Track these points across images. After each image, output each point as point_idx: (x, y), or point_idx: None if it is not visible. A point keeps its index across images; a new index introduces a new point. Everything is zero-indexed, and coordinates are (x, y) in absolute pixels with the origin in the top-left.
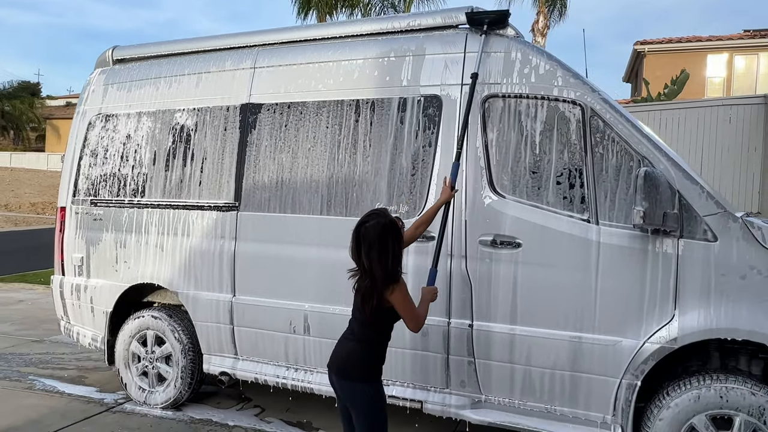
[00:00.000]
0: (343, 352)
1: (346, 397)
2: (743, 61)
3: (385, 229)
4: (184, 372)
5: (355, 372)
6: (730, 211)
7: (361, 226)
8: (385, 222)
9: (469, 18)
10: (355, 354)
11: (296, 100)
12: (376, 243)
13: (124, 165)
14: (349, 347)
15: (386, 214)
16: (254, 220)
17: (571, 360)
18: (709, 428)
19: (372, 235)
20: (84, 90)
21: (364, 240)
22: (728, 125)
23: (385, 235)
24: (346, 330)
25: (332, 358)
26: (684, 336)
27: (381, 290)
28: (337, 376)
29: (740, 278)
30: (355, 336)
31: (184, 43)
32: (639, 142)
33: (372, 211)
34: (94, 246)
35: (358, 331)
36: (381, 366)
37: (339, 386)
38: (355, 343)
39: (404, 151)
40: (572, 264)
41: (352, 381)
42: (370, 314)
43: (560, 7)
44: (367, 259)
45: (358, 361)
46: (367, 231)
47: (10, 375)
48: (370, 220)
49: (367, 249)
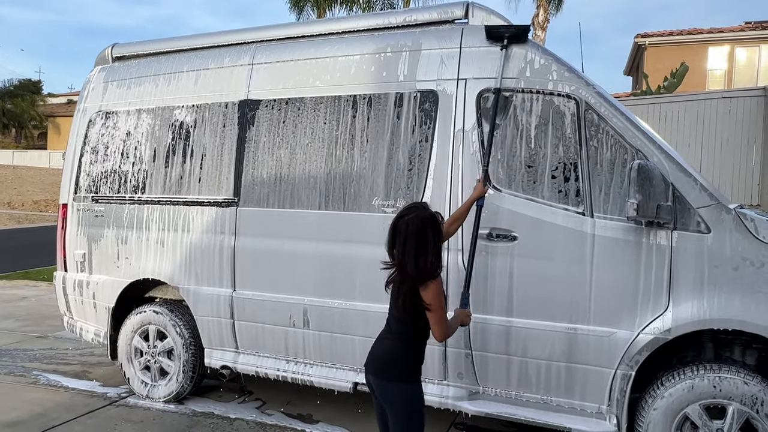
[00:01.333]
0: (379, 351)
1: (383, 397)
2: (745, 54)
3: (425, 222)
4: (186, 366)
5: (392, 371)
6: (723, 203)
7: (399, 220)
8: (425, 215)
9: (488, 32)
10: (392, 352)
11: (294, 96)
12: (414, 237)
13: (124, 162)
14: (386, 345)
15: (426, 208)
16: (253, 215)
17: (566, 351)
18: (703, 417)
19: (411, 228)
20: (84, 87)
21: (400, 234)
22: (728, 118)
23: (424, 228)
24: (384, 328)
25: (369, 357)
26: (677, 327)
27: (417, 285)
28: (374, 375)
29: (733, 269)
30: (392, 334)
31: (183, 40)
32: (633, 135)
33: (411, 204)
34: (95, 242)
35: (395, 328)
36: (420, 365)
37: (376, 386)
38: (392, 341)
39: (401, 146)
40: (567, 256)
41: (390, 380)
42: (406, 311)
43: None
44: (404, 254)
45: (396, 360)
46: (406, 224)
47: (14, 370)
48: (409, 214)
49: (404, 243)
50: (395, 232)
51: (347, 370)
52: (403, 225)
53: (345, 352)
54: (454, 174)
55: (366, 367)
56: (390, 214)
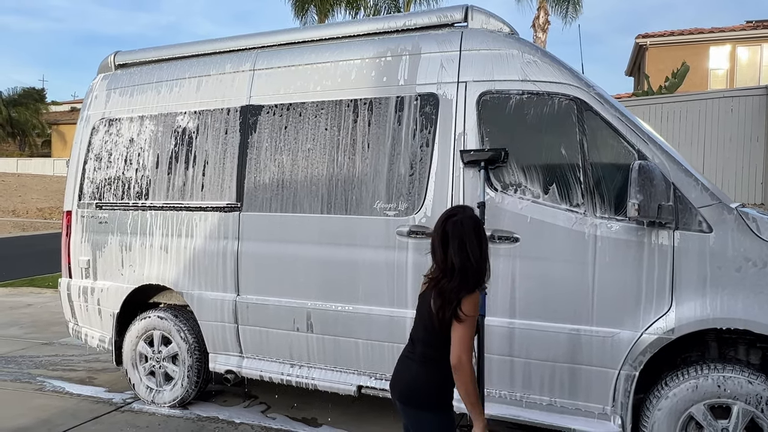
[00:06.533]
0: (406, 375)
1: (411, 425)
2: (746, 53)
3: (477, 220)
4: (191, 371)
5: (421, 398)
6: (725, 203)
7: (447, 220)
8: (474, 214)
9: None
10: (420, 377)
11: (295, 101)
12: (471, 235)
13: (127, 168)
14: (413, 369)
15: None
16: (256, 220)
17: (569, 352)
18: (708, 417)
19: (466, 227)
20: (87, 95)
21: (454, 234)
22: (730, 117)
23: (478, 226)
24: (407, 347)
25: (394, 379)
26: (681, 326)
27: (469, 292)
28: (401, 401)
29: (735, 268)
30: (418, 355)
31: (185, 47)
32: (634, 135)
33: (454, 207)
34: (100, 249)
35: (422, 350)
36: (452, 390)
37: (403, 412)
38: (419, 364)
39: (402, 149)
40: (569, 257)
41: (418, 408)
42: (440, 324)
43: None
44: (459, 255)
45: (424, 386)
46: (460, 223)
47: (20, 377)
48: (458, 214)
49: (459, 242)
50: (445, 234)
51: (351, 374)
52: (456, 225)
53: (349, 356)
54: (456, 176)
55: (392, 389)
56: (392, 217)
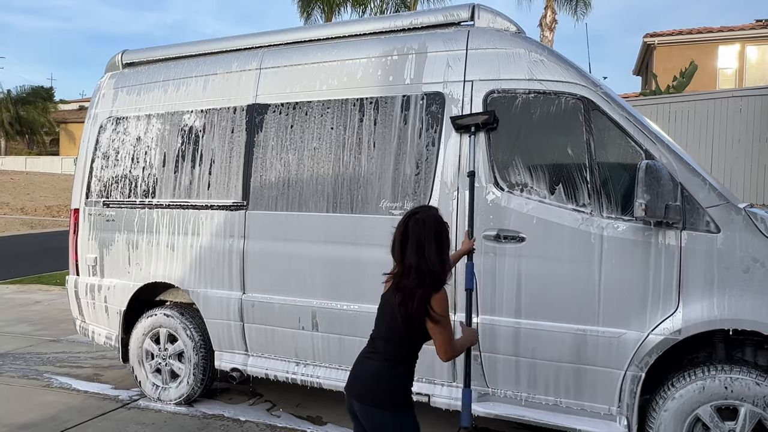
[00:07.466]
0: (365, 373)
1: (370, 426)
2: (756, 52)
3: (439, 222)
4: (197, 368)
5: (382, 397)
6: (733, 203)
7: (409, 218)
8: (438, 215)
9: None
10: (383, 375)
11: (301, 100)
12: (431, 236)
13: (134, 167)
14: (374, 368)
15: (434, 208)
16: (262, 218)
17: (575, 352)
18: (715, 419)
19: (425, 227)
20: (95, 94)
21: (414, 233)
22: (739, 117)
23: (440, 228)
24: (366, 348)
25: (351, 379)
26: (688, 327)
27: (427, 292)
28: (359, 401)
29: (743, 269)
30: (380, 354)
31: (192, 45)
32: (641, 135)
33: (418, 206)
34: (107, 246)
35: (385, 348)
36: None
37: (360, 413)
38: (380, 362)
39: (408, 148)
40: (576, 257)
41: (379, 408)
42: (408, 326)
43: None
44: (422, 253)
45: (386, 384)
46: (419, 223)
47: (28, 373)
48: (421, 213)
49: (417, 242)
50: (406, 232)
51: None
52: (417, 223)
53: (353, 354)
54: (461, 175)
55: (347, 391)
56: (398, 216)
